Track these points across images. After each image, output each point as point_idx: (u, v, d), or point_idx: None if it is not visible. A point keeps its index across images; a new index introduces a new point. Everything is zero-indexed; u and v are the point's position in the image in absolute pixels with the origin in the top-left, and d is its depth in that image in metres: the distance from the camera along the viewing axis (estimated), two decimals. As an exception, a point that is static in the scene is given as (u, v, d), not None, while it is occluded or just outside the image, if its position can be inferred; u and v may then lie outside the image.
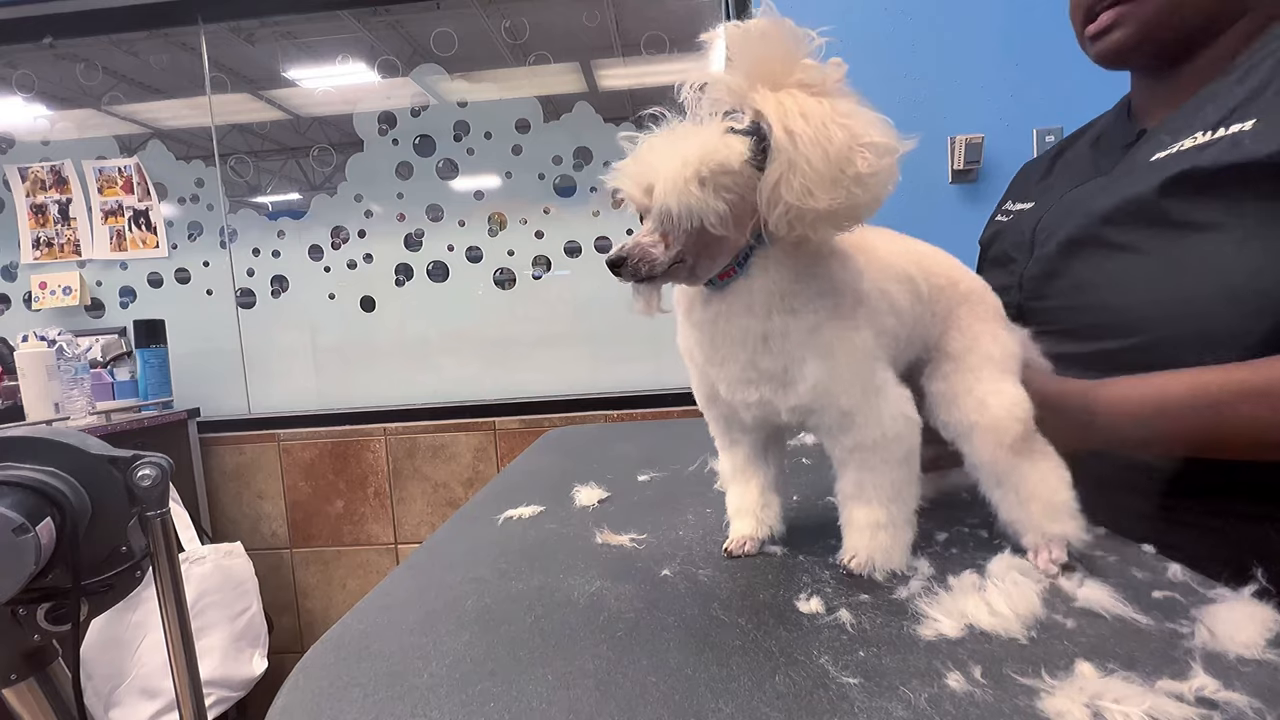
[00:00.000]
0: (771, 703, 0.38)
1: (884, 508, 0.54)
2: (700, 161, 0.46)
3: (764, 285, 0.51)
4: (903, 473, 0.54)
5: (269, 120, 2.14)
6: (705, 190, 0.46)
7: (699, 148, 0.47)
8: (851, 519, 0.56)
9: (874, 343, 0.54)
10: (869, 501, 0.54)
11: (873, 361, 0.54)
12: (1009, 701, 0.37)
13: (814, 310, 0.51)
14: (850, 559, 0.54)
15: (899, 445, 0.54)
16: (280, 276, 2.02)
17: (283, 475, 1.95)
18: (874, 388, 0.53)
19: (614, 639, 0.47)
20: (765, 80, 0.48)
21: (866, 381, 0.53)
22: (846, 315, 0.52)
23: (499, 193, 1.98)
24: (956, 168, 1.66)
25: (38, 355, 1.47)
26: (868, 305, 0.54)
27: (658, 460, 1.03)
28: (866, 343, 0.53)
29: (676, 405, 1.86)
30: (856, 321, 0.52)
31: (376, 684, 0.42)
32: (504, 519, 0.77)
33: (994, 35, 1.69)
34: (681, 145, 0.48)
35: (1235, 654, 0.40)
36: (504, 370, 2.00)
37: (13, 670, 0.59)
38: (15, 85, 2.02)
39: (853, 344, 0.52)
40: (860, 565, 0.53)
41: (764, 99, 0.47)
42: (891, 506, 0.54)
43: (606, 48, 2.01)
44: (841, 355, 0.52)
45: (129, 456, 0.60)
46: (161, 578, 0.64)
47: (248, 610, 1.65)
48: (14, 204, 2.01)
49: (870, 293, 0.54)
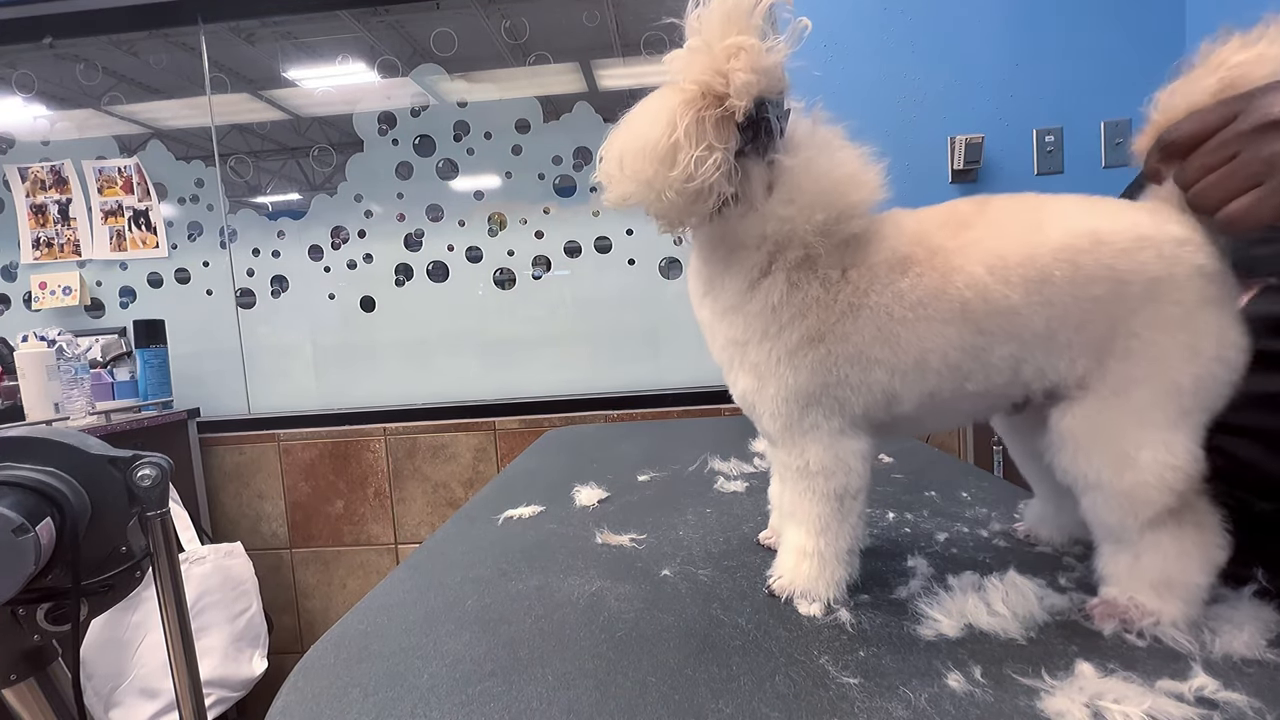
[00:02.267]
0: (771, 703, 0.38)
1: (811, 537, 0.51)
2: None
3: (693, 270, 0.53)
4: (829, 509, 0.50)
5: (269, 120, 2.13)
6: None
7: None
8: (784, 538, 0.54)
9: (811, 386, 0.48)
10: (800, 524, 0.52)
11: (802, 408, 0.49)
12: (1009, 701, 0.37)
13: (743, 323, 0.49)
14: (774, 580, 0.53)
15: (827, 483, 0.50)
16: (280, 276, 2.02)
17: (283, 475, 1.95)
18: (800, 429, 0.50)
19: (614, 639, 0.47)
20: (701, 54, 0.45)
21: (791, 420, 0.50)
22: (792, 346, 0.48)
23: (499, 193, 1.98)
24: (956, 168, 1.66)
25: (38, 355, 1.47)
26: (832, 348, 0.47)
27: (658, 460, 1.03)
28: (796, 386, 0.48)
29: (676, 405, 1.86)
30: (798, 360, 0.48)
31: (376, 684, 0.42)
32: (504, 519, 0.77)
33: (994, 35, 1.69)
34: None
35: (1235, 654, 0.40)
36: (504, 370, 2.00)
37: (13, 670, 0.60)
38: (15, 85, 2.01)
39: (778, 380, 0.48)
40: (781, 589, 0.52)
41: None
42: (819, 539, 0.51)
43: (606, 48, 2.01)
44: (769, 383, 0.49)
45: (129, 456, 0.60)
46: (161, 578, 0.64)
47: (248, 610, 1.65)
48: (14, 204, 2.01)
49: (850, 338, 0.47)
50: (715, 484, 0.88)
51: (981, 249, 0.46)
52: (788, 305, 0.47)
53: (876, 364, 0.48)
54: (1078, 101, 1.68)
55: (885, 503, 0.76)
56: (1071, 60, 1.68)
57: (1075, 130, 1.67)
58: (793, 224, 0.46)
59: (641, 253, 1.94)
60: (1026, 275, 0.44)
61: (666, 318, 1.94)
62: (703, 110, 0.43)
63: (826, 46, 1.69)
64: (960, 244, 0.46)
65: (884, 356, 0.47)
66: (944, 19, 1.69)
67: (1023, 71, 1.69)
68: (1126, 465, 0.44)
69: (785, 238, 0.47)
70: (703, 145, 0.43)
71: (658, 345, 1.96)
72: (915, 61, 1.70)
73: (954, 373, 0.47)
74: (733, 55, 0.43)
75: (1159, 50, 1.66)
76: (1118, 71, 1.67)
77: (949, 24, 1.69)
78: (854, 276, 0.47)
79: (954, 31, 1.69)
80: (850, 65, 1.69)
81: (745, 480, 0.89)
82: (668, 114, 0.44)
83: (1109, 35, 1.67)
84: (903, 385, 0.48)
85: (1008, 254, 0.45)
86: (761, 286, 0.48)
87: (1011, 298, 0.45)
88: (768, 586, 0.53)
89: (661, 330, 1.95)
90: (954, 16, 1.69)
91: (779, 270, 0.48)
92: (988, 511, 0.71)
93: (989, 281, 0.45)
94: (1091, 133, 1.67)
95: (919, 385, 0.48)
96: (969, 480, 0.83)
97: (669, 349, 1.95)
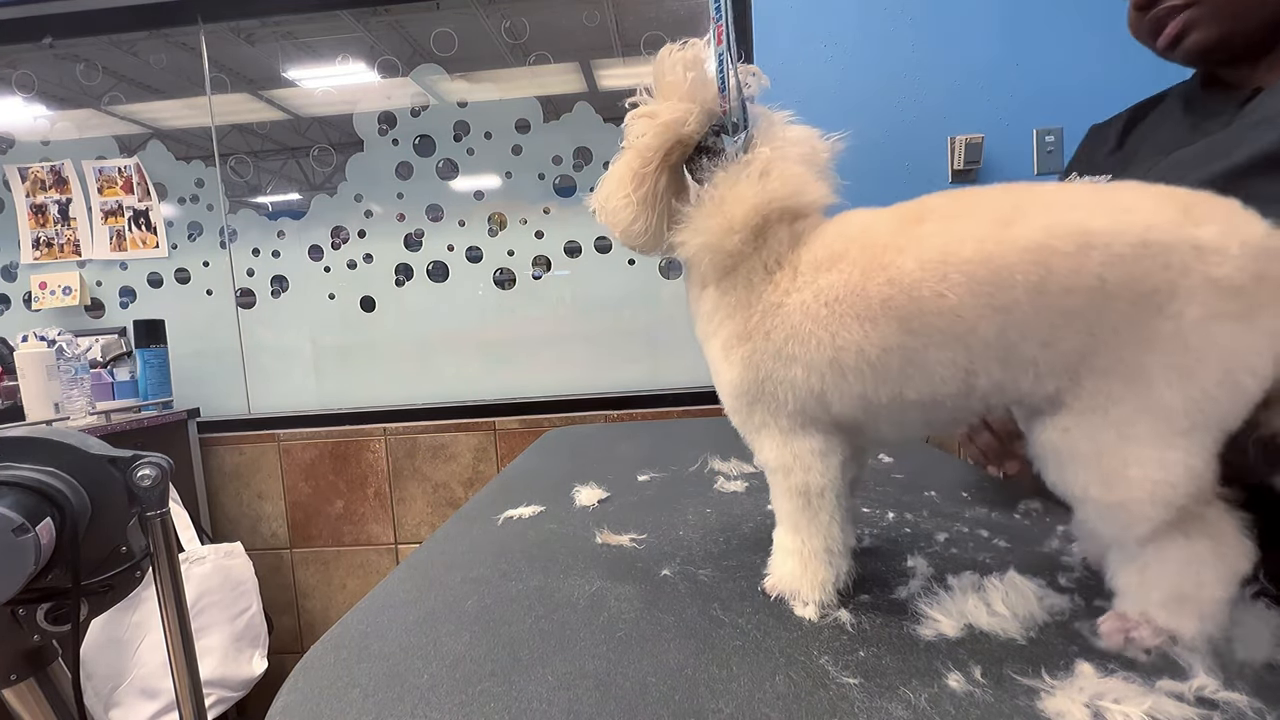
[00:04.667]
0: (771, 703, 0.38)
1: (788, 534, 0.52)
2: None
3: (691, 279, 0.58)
4: (795, 506, 0.51)
5: (269, 120, 2.13)
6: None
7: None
8: (776, 537, 0.55)
9: (746, 382, 0.51)
10: (781, 522, 0.54)
11: (747, 403, 0.52)
12: (1009, 701, 0.37)
13: (699, 324, 0.55)
14: (766, 578, 0.54)
15: (786, 479, 0.51)
16: (280, 276, 2.02)
17: (283, 475, 1.95)
18: (752, 425, 0.53)
19: (614, 639, 0.47)
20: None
21: (743, 417, 0.53)
22: (725, 343, 0.52)
23: (499, 193, 1.98)
24: (956, 168, 1.66)
25: (38, 355, 1.47)
26: (757, 344, 0.50)
27: (658, 460, 1.03)
28: (734, 381, 0.52)
29: (676, 405, 1.86)
30: (731, 356, 0.51)
31: (376, 684, 0.42)
32: (504, 519, 0.77)
33: (994, 35, 1.69)
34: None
35: (1236, 654, 0.40)
36: (504, 370, 2.00)
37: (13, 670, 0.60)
38: (15, 85, 2.01)
39: (722, 376, 0.53)
40: (771, 587, 0.53)
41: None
42: (795, 536, 0.52)
43: (606, 48, 2.01)
44: (719, 377, 0.54)
45: (129, 456, 0.60)
46: (161, 578, 0.64)
47: (248, 610, 1.65)
48: (14, 204, 2.01)
49: (771, 335, 0.49)
50: (715, 484, 0.88)
51: (926, 245, 0.43)
52: (721, 307, 0.52)
53: (793, 360, 0.48)
54: (1078, 101, 1.68)
55: (885, 503, 0.76)
56: (1071, 60, 1.68)
57: (1075, 130, 1.66)
58: (713, 236, 0.51)
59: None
60: (973, 275, 0.40)
61: (666, 318, 1.94)
62: (632, 164, 0.53)
63: (826, 46, 1.69)
64: (906, 240, 0.44)
65: (799, 353, 0.47)
66: (944, 19, 1.69)
67: (1023, 71, 1.69)
68: (1115, 481, 0.40)
69: (714, 251, 0.51)
70: (621, 194, 0.53)
71: (657, 345, 1.96)
72: (915, 61, 1.70)
73: (880, 374, 0.45)
74: (642, 119, 0.53)
75: (1159, 50, 1.66)
76: (1118, 71, 1.67)
77: (949, 24, 1.69)
78: (779, 277, 0.49)
79: (954, 31, 1.69)
80: (850, 65, 1.69)
81: (745, 480, 0.89)
82: (613, 170, 0.55)
83: (1109, 35, 1.67)
84: (824, 384, 0.47)
85: (954, 250, 0.41)
86: (707, 293, 0.54)
87: (948, 298, 0.41)
88: (762, 586, 0.54)
89: (661, 330, 1.95)
90: (954, 16, 1.69)
91: (713, 278, 0.53)
92: (988, 511, 0.71)
93: (919, 278, 0.42)
94: (1091, 133, 1.67)
95: (841, 386, 0.46)
96: (969, 480, 0.83)
97: (669, 349, 1.94)
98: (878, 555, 0.61)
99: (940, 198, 0.46)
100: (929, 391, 0.44)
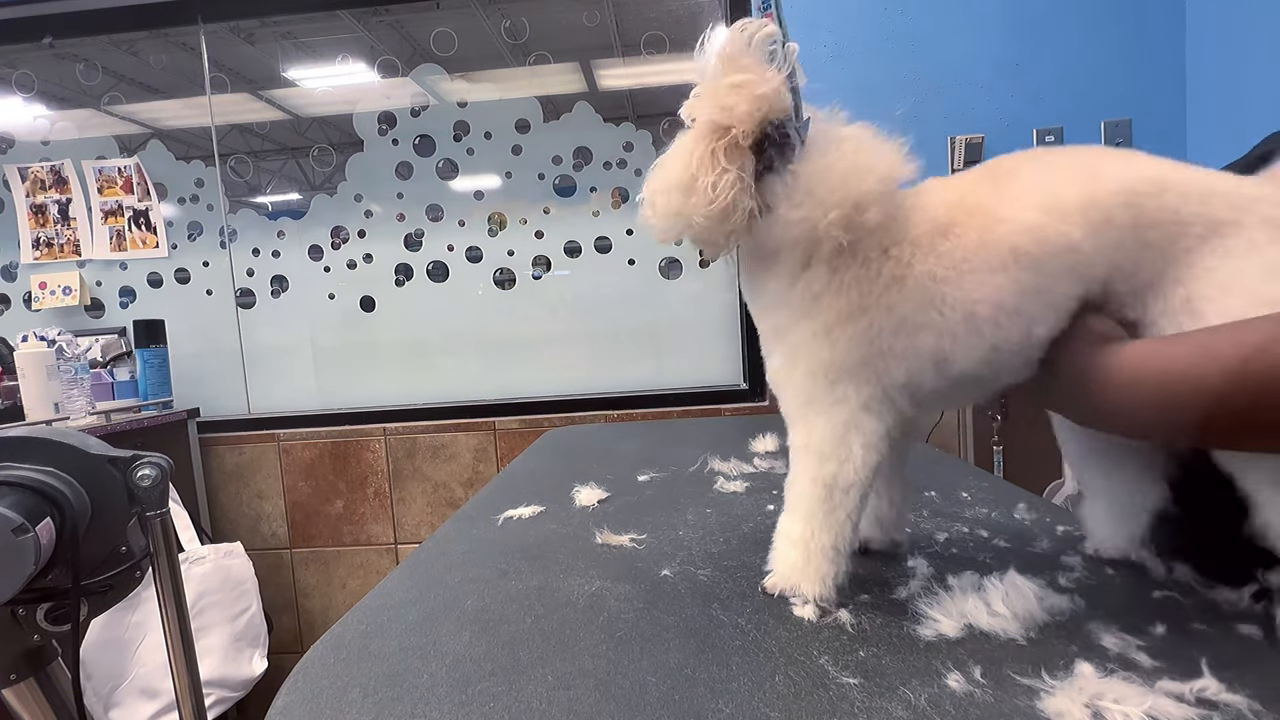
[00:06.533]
0: (771, 703, 0.38)
1: (798, 523, 0.52)
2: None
3: (742, 277, 0.57)
4: (817, 494, 0.51)
5: (269, 120, 2.13)
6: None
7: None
8: (779, 525, 0.54)
9: (845, 360, 0.50)
10: (792, 511, 0.53)
11: (831, 382, 0.50)
12: (1009, 701, 0.37)
13: (786, 312, 0.52)
14: (767, 577, 0.54)
15: (820, 466, 0.51)
16: (280, 276, 2.02)
17: (282, 475, 1.95)
18: (823, 403, 0.51)
19: (614, 639, 0.47)
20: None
21: (815, 395, 0.51)
22: (827, 324, 0.50)
23: (499, 193, 1.98)
24: (956, 168, 1.66)
25: (38, 355, 1.47)
26: (875, 319, 0.49)
27: (658, 460, 1.03)
28: (828, 360, 0.50)
29: (676, 405, 1.86)
30: (834, 334, 0.50)
31: (376, 684, 0.42)
32: (504, 519, 0.77)
33: (994, 35, 1.69)
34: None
35: (1235, 654, 0.40)
36: (504, 370, 2.00)
37: (13, 670, 0.60)
38: (15, 85, 2.01)
39: (811, 358, 0.51)
40: (772, 585, 0.53)
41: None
42: (805, 525, 0.51)
43: (606, 48, 2.01)
44: (801, 360, 0.52)
45: (129, 456, 0.60)
46: (161, 578, 0.64)
47: (247, 610, 1.65)
48: (14, 204, 2.01)
49: (895, 308, 0.49)
50: (715, 484, 0.88)
51: (1035, 195, 0.48)
52: (829, 289, 0.50)
53: (921, 328, 0.49)
54: (1078, 101, 1.68)
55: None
56: (1071, 60, 1.68)
57: (1075, 130, 1.67)
58: (811, 224, 0.49)
59: (641, 253, 1.94)
60: (1086, 215, 0.46)
61: (666, 318, 1.94)
62: (713, 142, 0.48)
63: (827, 46, 1.69)
64: (1008, 196, 0.49)
65: (930, 320, 0.49)
66: (944, 19, 1.69)
67: (1023, 71, 1.69)
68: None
69: (811, 236, 0.49)
70: (716, 170, 0.48)
71: (658, 345, 1.96)
72: (915, 61, 1.70)
73: (1015, 319, 0.48)
74: (731, 90, 0.48)
75: (1159, 50, 1.67)
76: (1118, 71, 1.67)
77: (949, 24, 1.69)
78: (896, 252, 0.49)
79: (954, 31, 1.69)
80: (850, 65, 1.69)
81: (745, 480, 0.89)
82: (684, 152, 0.50)
83: (1109, 35, 1.67)
84: (954, 345, 0.49)
85: (1063, 197, 0.47)
86: (803, 279, 0.51)
87: (1072, 235, 0.46)
88: (762, 585, 0.54)
89: (661, 330, 1.95)
90: (954, 16, 1.69)
91: (818, 263, 0.50)
92: (988, 511, 0.71)
93: (1044, 222, 0.47)
94: (1091, 133, 1.67)
95: (972, 341, 0.49)
96: (969, 480, 0.83)
97: (669, 349, 1.94)
98: (878, 555, 0.61)
99: (1010, 160, 0.51)
100: (1056, 325, 0.48)
